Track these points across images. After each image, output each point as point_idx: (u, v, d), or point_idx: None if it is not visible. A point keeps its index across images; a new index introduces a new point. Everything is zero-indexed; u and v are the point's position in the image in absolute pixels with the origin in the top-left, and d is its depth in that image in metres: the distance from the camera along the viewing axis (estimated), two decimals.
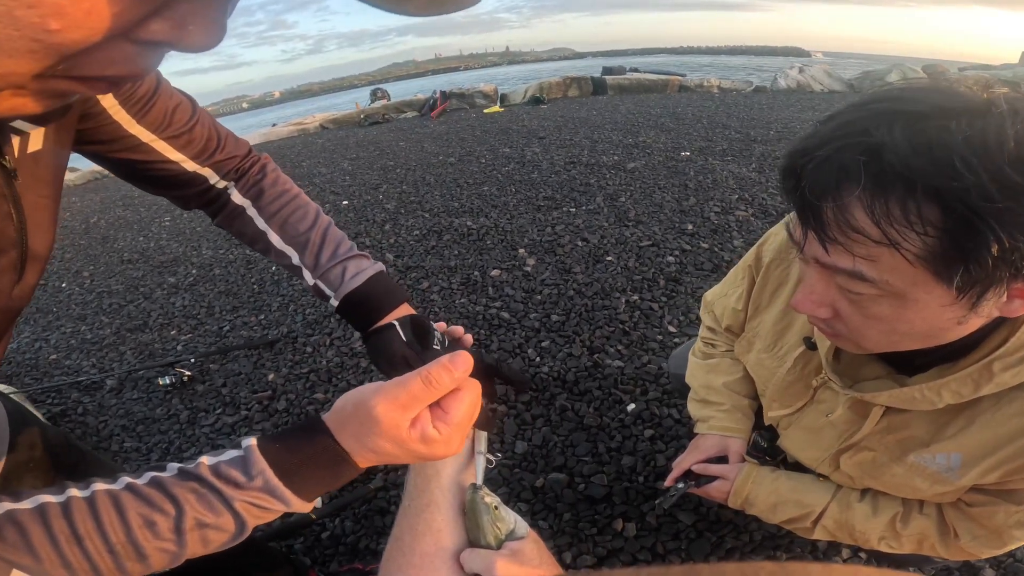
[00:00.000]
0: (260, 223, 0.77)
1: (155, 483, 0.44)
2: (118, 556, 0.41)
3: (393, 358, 0.70)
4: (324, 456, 0.48)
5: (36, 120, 0.51)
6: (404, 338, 0.71)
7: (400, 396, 0.48)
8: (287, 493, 0.47)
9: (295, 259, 0.77)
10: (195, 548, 0.44)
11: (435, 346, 0.72)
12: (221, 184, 0.77)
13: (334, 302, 0.75)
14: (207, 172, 0.75)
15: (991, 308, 0.56)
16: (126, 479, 0.44)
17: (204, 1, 0.31)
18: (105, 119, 0.62)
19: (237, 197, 0.78)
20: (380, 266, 0.77)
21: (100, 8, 0.27)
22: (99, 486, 0.43)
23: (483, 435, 0.69)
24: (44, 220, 0.55)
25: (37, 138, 0.52)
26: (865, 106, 0.55)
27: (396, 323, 0.72)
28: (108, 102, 0.61)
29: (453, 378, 0.50)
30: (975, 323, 0.59)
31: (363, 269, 0.75)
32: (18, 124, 0.49)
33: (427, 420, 0.50)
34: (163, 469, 0.46)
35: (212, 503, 0.45)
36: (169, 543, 0.43)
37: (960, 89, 0.52)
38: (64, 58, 0.29)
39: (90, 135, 0.62)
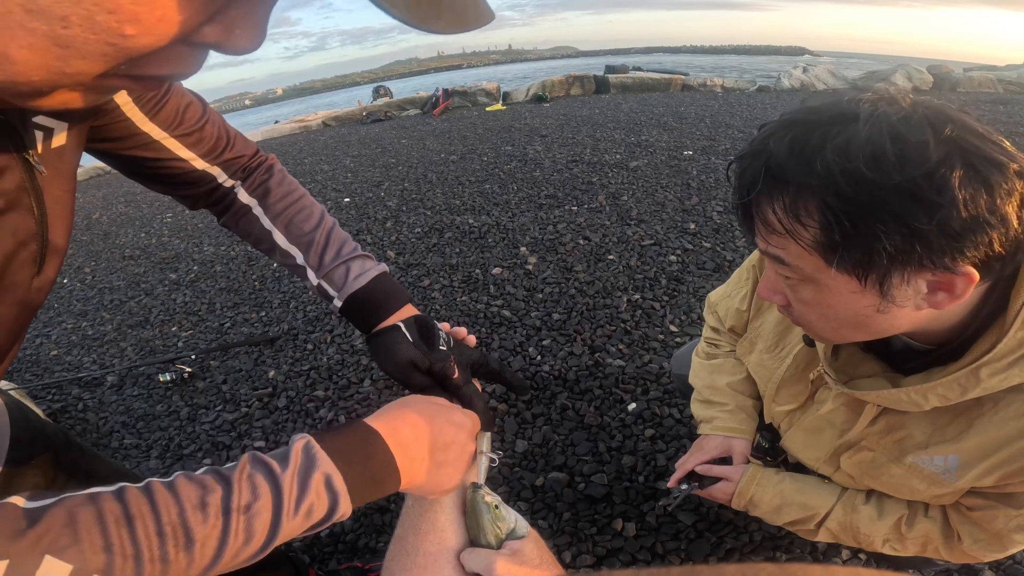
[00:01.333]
0: (266, 222, 0.77)
1: (211, 471, 0.45)
2: (165, 539, 0.39)
3: (399, 361, 0.70)
4: (360, 434, 0.53)
5: (70, 117, 0.52)
6: (411, 339, 0.71)
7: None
8: (323, 454, 0.49)
9: (299, 259, 0.76)
10: (237, 543, 0.43)
11: (441, 346, 0.71)
12: (228, 183, 0.77)
13: (337, 303, 0.75)
14: (215, 171, 0.75)
15: (915, 300, 0.59)
16: (181, 471, 0.44)
17: (251, 6, 0.33)
18: (118, 116, 0.62)
19: (243, 196, 0.78)
20: (383, 267, 0.77)
21: (171, 15, 0.29)
22: (154, 479, 0.43)
23: (485, 434, 0.69)
24: (64, 214, 0.56)
25: (61, 134, 0.53)
26: (782, 118, 0.62)
27: (401, 324, 0.72)
28: (121, 99, 0.61)
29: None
30: (906, 314, 0.62)
31: (367, 270, 0.75)
32: (43, 121, 0.51)
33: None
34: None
35: (257, 483, 0.45)
36: (217, 529, 0.42)
37: (847, 99, 0.59)
38: (130, 60, 0.31)
39: (103, 132, 0.62)
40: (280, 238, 0.77)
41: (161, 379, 2.27)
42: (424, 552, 0.59)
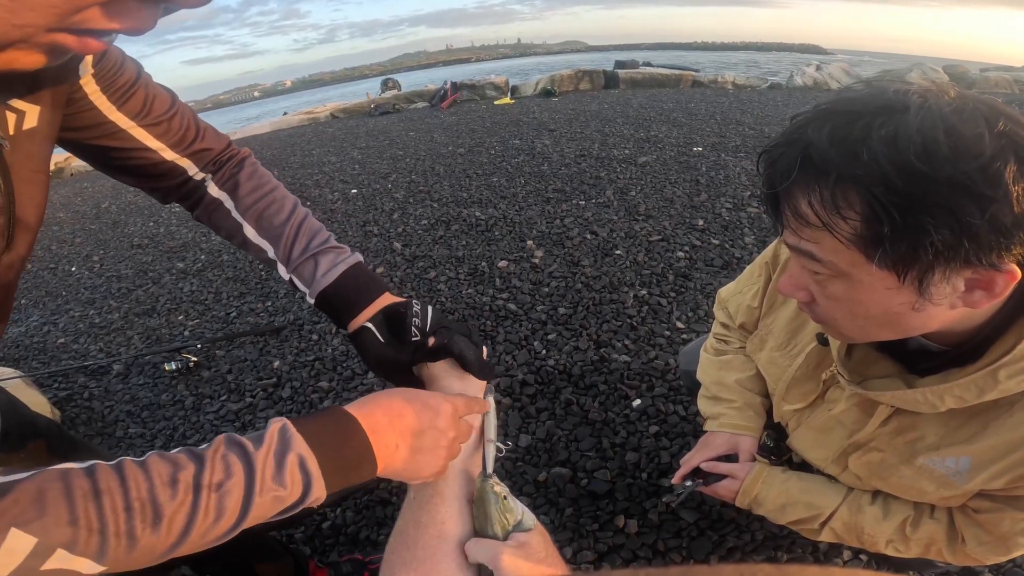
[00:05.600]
0: (236, 216, 0.77)
1: (185, 450, 0.45)
2: (132, 514, 0.40)
3: (378, 361, 0.71)
4: (335, 418, 0.53)
5: (40, 96, 0.53)
6: (381, 339, 0.71)
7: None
8: (298, 437, 0.49)
9: (270, 253, 0.76)
10: (207, 520, 0.43)
11: (414, 336, 0.71)
12: (199, 176, 0.77)
13: (309, 299, 0.75)
14: (186, 163, 0.74)
15: (950, 298, 0.58)
16: (154, 451, 0.44)
17: None
18: (86, 104, 0.63)
19: (214, 190, 0.77)
20: (356, 258, 0.76)
21: None
22: (127, 458, 0.43)
23: (492, 423, 0.69)
24: (35, 193, 0.57)
25: (32, 117, 0.54)
26: (817, 108, 0.60)
27: (371, 324, 0.71)
28: (90, 88, 0.62)
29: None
30: (939, 313, 0.60)
31: (336, 264, 0.74)
32: (16, 104, 0.51)
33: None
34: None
35: (231, 461, 0.45)
36: (186, 506, 0.42)
37: (893, 90, 0.57)
38: (79, 10, 0.31)
39: (71, 121, 0.63)
40: (251, 232, 0.76)
41: (167, 368, 2.28)
42: (424, 545, 0.58)
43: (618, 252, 2.82)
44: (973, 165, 0.50)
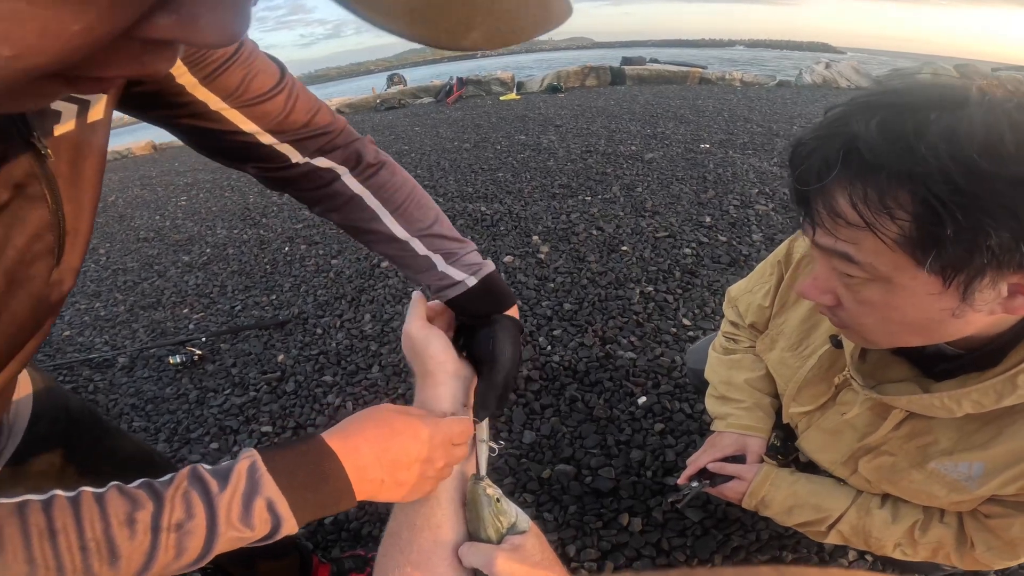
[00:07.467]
0: (382, 213, 0.75)
1: (144, 485, 0.44)
2: (88, 554, 0.39)
3: (512, 356, 0.70)
4: (313, 457, 0.50)
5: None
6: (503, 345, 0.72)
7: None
8: (268, 479, 0.47)
9: (420, 249, 0.76)
10: (167, 557, 0.42)
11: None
12: (304, 163, 0.69)
13: (471, 281, 0.75)
14: (285, 149, 0.66)
15: (991, 304, 0.55)
16: (115, 483, 0.43)
17: None
18: (168, 81, 0.56)
19: (354, 185, 0.73)
20: (491, 265, 0.80)
21: (54, 28, 0.22)
22: (86, 488, 0.42)
23: (484, 424, 0.66)
24: (90, 196, 0.52)
25: (99, 107, 0.49)
26: (855, 100, 0.57)
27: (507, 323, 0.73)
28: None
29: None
30: (977, 319, 0.58)
31: (487, 262, 0.79)
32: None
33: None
34: (159, 478, 0.46)
35: (192, 501, 0.44)
36: (144, 545, 0.41)
37: (944, 83, 0.54)
38: (43, 75, 0.25)
39: (153, 99, 0.57)
40: (399, 230, 0.76)
41: (171, 361, 2.28)
42: (419, 549, 0.57)
43: (624, 248, 2.81)
44: None
